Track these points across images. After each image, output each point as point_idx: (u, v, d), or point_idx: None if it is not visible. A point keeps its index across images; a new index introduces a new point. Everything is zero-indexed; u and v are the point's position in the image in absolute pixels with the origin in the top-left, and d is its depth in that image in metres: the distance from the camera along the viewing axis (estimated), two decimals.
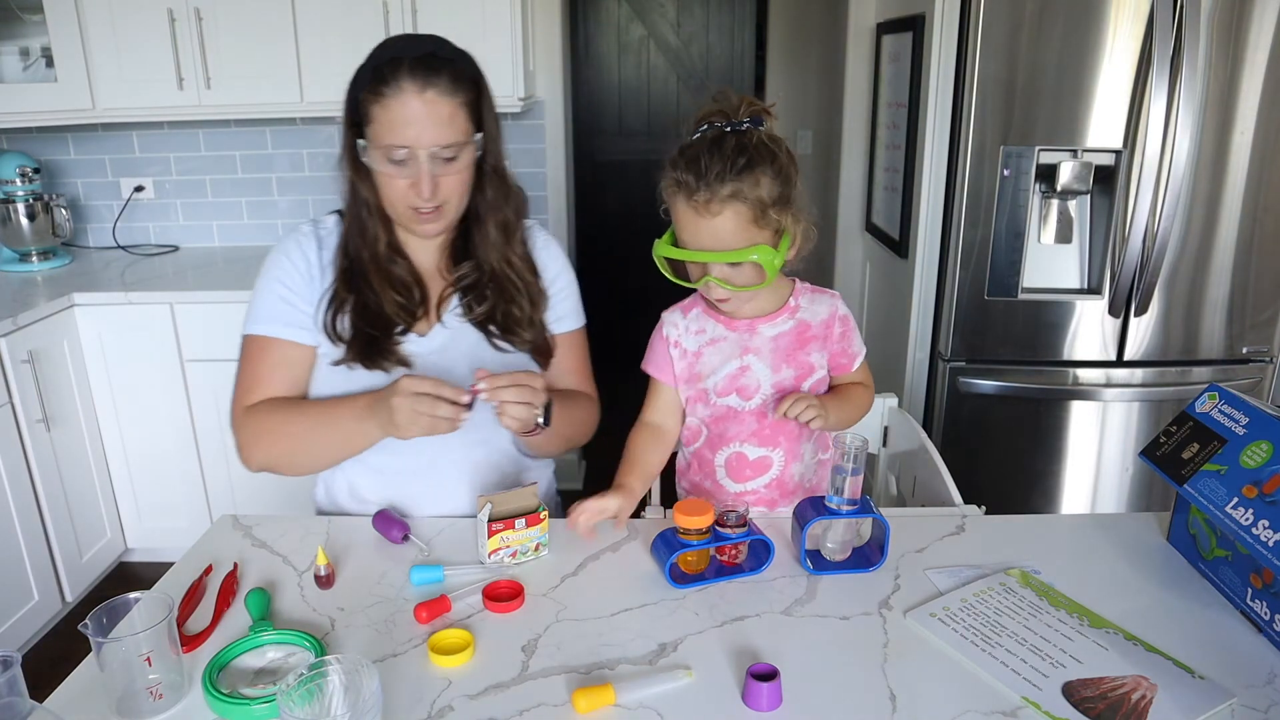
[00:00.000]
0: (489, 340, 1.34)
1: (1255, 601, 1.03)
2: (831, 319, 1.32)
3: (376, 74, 1.21)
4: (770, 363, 1.31)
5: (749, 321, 1.30)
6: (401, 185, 1.23)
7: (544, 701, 0.91)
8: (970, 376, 2.33)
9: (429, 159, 1.21)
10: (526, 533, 1.16)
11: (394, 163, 1.21)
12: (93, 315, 2.55)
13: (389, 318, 1.30)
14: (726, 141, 1.17)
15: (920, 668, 0.96)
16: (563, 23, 3.06)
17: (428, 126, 1.20)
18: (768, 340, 1.31)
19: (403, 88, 1.19)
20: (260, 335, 1.30)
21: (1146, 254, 2.17)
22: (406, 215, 1.27)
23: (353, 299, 1.30)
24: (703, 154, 1.16)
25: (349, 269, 1.31)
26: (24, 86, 2.71)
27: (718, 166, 1.15)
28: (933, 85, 2.27)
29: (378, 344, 1.29)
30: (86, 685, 0.94)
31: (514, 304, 1.34)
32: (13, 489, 2.30)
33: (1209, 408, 1.14)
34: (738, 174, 1.15)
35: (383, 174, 1.24)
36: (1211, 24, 2.04)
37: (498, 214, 1.33)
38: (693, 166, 1.16)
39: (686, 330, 1.34)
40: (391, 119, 1.20)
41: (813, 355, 1.32)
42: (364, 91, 1.22)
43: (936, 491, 1.44)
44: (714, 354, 1.32)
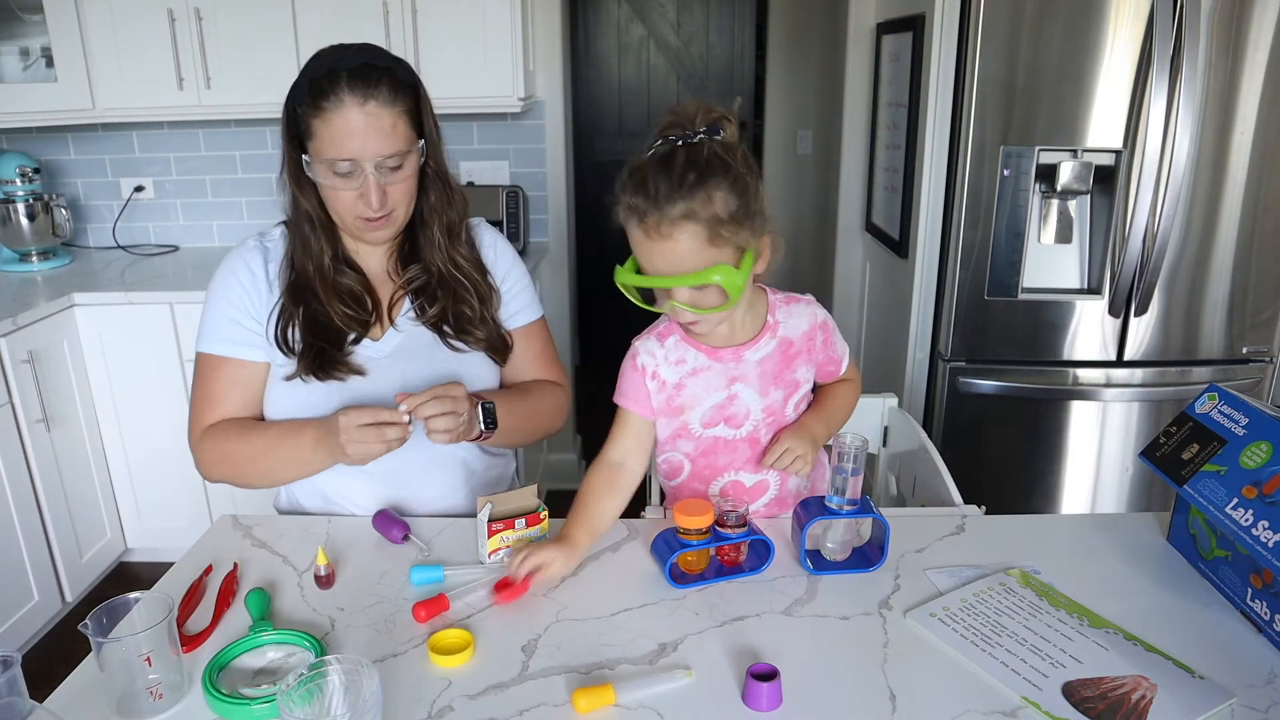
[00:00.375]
0: (443, 341, 1.34)
1: (1255, 601, 1.03)
2: (812, 330, 1.27)
3: (315, 88, 1.19)
4: (758, 388, 1.24)
5: (734, 350, 1.23)
6: (348, 197, 1.23)
7: (544, 701, 0.91)
8: (970, 376, 2.33)
9: (375, 169, 1.21)
10: (526, 532, 1.17)
11: (339, 175, 1.22)
12: (93, 315, 2.54)
13: (339, 329, 1.30)
14: (676, 157, 1.08)
15: (920, 668, 0.96)
16: (563, 23, 3.06)
17: (371, 138, 1.20)
18: (754, 366, 1.23)
19: (343, 101, 1.18)
20: (211, 354, 1.32)
21: (1146, 254, 2.17)
22: (355, 225, 1.27)
23: (301, 312, 1.30)
24: (650, 174, 1.08)
25: (295, 283, 1.31)
26: (24, 86, 2.71)
27: (665, 186, 1.07)
28: (933, 85, 2.27)
29: (329, 355, 1.29)
30: (86, 685, 0.94)
31: (464, 304, 1.35)
32: (13, 489, 2.30)
33: (1209, 408, 1.14)
34: (688, 192, 1.06)
35: (328, 186, 1.24)
36: (1211, 24, 2.04)
37: (442, 216, 1.33)
38: (641, 189, 1.08)
39: (665, 360, 1.23)
40: (334, 133, 1.19)
41: (799, 371, 1.26)
42: (303, 106, 1.21)
43: (936, 491, 1.44)
44: (697, 385, 1.23)
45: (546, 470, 3.28)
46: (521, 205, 2.93)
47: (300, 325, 1.30)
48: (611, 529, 1.24)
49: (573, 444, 3.34)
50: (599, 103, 4.28)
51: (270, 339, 1.30)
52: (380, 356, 1.33)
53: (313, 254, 1.31)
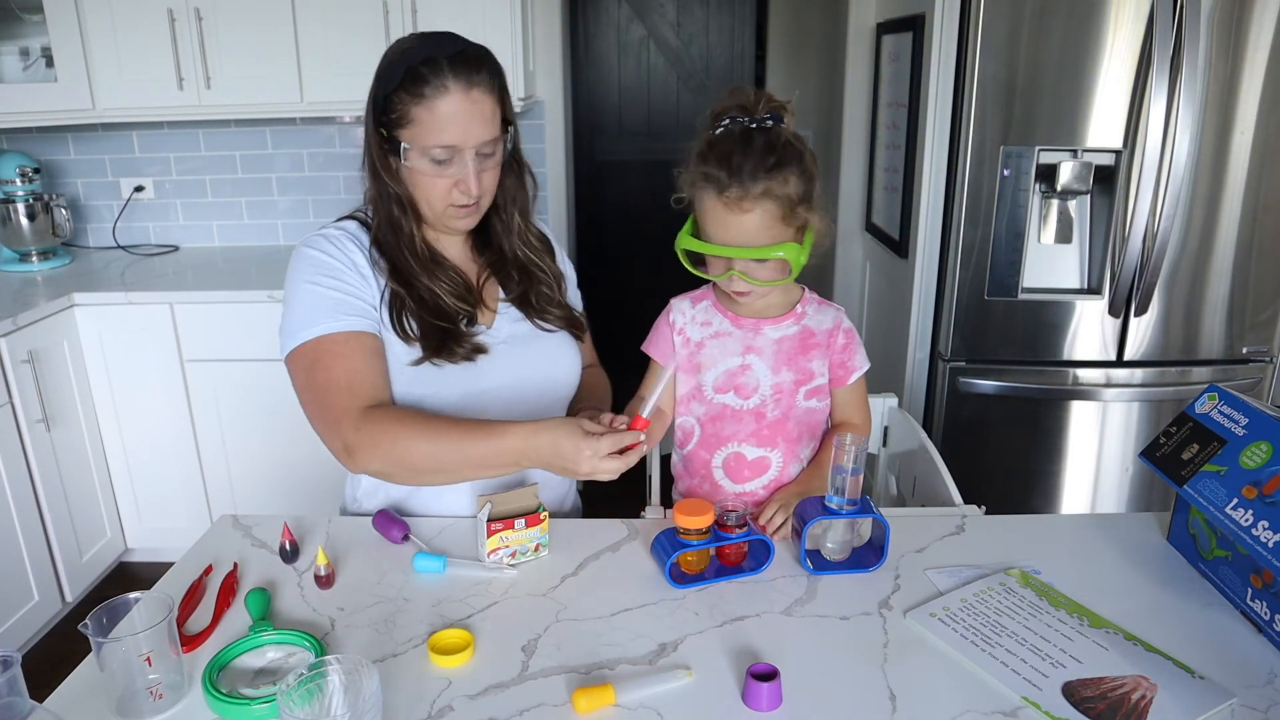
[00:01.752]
0: (531, 321, 1.35)
1: (1255, 601, 1.03)
2: (835, 329, 1.33)
3: (413, 74, 1.18)
4: (771, 364, 1.31)
5: (754, 321, 1.31)
6: (444, 184, 1.22)
7: (544, 701, 0.91)
8: (970, 376, 2.33)
9: (473, 157, 1.21)
10: (526, 533, 1.16)
11: (437, 162, 1.20)
12: (93, 315, 2.55)
13: (450, 310, 1.28)
14: (755, 139, 1.18)
15: (920, 668, 0.96)
16: (563, 23, 3.06)
17: (474, 125, 1.20)
18: (771, 341, 1.31)
19: (448, 88, 1.17)
20: (331, 334, 1.20)
21: (1146, 254, 2.17)
22: (445, 213, 1.26)
23: (408, 297, 1.26)
24: (734, 150, 1.17)
25: (395, 272, 1.27)
26: (24, 86, 2.71)
27: (750, 164, 1.16)
28: (933, 85, 2.27)
29: (451, 336, 1.27)
30: (86, 685, 0.94)
31: (542, 284, 1.37)
32: (13, 489, 2.30)
33: (1209, 408, 1.14)
34: (769, 172, 1.16)
35: (423, 174, 1.22)
36: (1211, 24, 2.04)
37: (518, 201, 1.34)
38: (724, 162, 1.16)
39: (692, 320, 1.34)
40: (437, 119, 1.18)
41: (814, 362, 1.33)
42: (399, 92, 1.19)
43: (936, 491, 1.44)
44: (716, 347, 1.32)
45: None
46: None
47: (412, 311, 1.25)
48: (611, 528, 1.25)
49: None
50: (599, 103, 4.28)
51: (387, 325, 1.25)
52: (496, 342, 1.31)
53: (404, 237, 1.27)
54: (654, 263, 1.48)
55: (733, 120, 1.21)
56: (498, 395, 1.30)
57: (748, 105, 1.21)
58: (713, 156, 1.18)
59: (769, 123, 1.20)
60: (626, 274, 4.36)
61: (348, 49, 2.61)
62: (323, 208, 3.12)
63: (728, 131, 1.20)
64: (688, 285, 1.38)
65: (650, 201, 4.22)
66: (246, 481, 2.70)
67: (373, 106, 1.24)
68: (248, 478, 2.70)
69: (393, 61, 1.21)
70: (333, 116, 3.00)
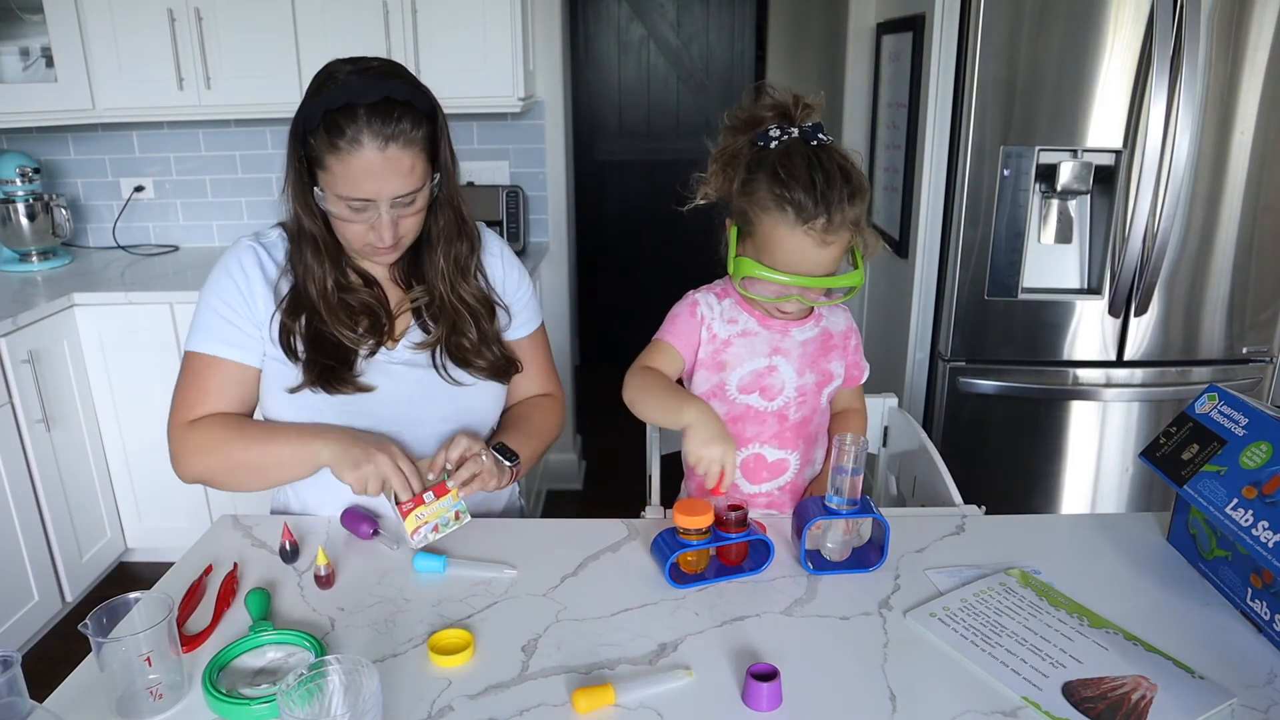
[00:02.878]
0: (438, 373, 1.31)
1: (1255, 601, 1.03)
2: (848, 330, 1.34)
3: (330, 123, 1.14)
4: (797, 366, 1.31)
5: (783, 324, 1.31)
6: (359, 228, 1.21)
7: (544, 701, 0.91)
8: (970, 376, 2.33)
9: (389, 207, 1.19)
10: (439, 504, 1.17)
11: (353, 210, 1.19)
12: (93, 315, 2.55)
13: (347, 349, 1.27)
14: (824, 161, 1.15)
15: (920, 668, 0.96)
16: (563, 23, 3.06)
17: (389, 179, 1.16)
18: (797, 343, 1.31)
19: (362, 143, 1.14)
20: (203, 353, 1.27)
21: (1146, 254, 2.17)
22: (364, 250, 1.26)
23: (303, 325, 1.26)
24: (816, 176, 1.14)
25: (295, 297, 1.27)
26: (24, 86, 2.71)
27: (835, 193, 1.13)
28: (933, 85, 2.27)
29: (336, 373, 1.26)
30: (86, 685, 0.94)
31: (463, 336, 1.32)
32: (13, 489, 2.30)
33: (1209, 408, 1.14)
34: (850, 201, 1.15)
35: (339, 217, 1.21)
36: (1211, 24, 2.04)
37: (449, 246, 1.30)
38: (809, 191, 1.13)
39: (720, 316, 1.32)
40: (350, 173, 1.15)
41: (833, 364, 1.33)
42: (316, 136, 1.16)
43: (936, 491, 1.44)
44: (743, 346, 1.31)
45: (546, 471, 3.28)
46: (521, 205, 2.93)
47: (304, 338, 1.26)
48: (611, 528, 1.25)
49: (573, 444, 3.35)
50: (599, 103, 4.28)
51: (273, 342, 1.27)
52: (396, 363, 1.30)
53: (315, 278, 1.26)
54: (654, 263, 1.48)
55: (783, 132, 1.18)
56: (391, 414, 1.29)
57: (789, 111, 1.19)
58: (792, 182, 1.14)
59: (822, 137, 1.18)
60: (626, 274, 4.37)
61: (348, 49, 2.58)
62: None
63: (793, 151, 1.16)
64: (688, 285, 1.37)
65: (650, 201, 4.22)
66: None
67: (293, 140, 1.21)
68: None
69: (316, 94, 1.18)
70: None
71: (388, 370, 1.30)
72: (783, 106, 1.21)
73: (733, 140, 1.25)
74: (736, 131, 1.25)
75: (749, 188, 1.19)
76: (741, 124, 1.24)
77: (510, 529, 1.29)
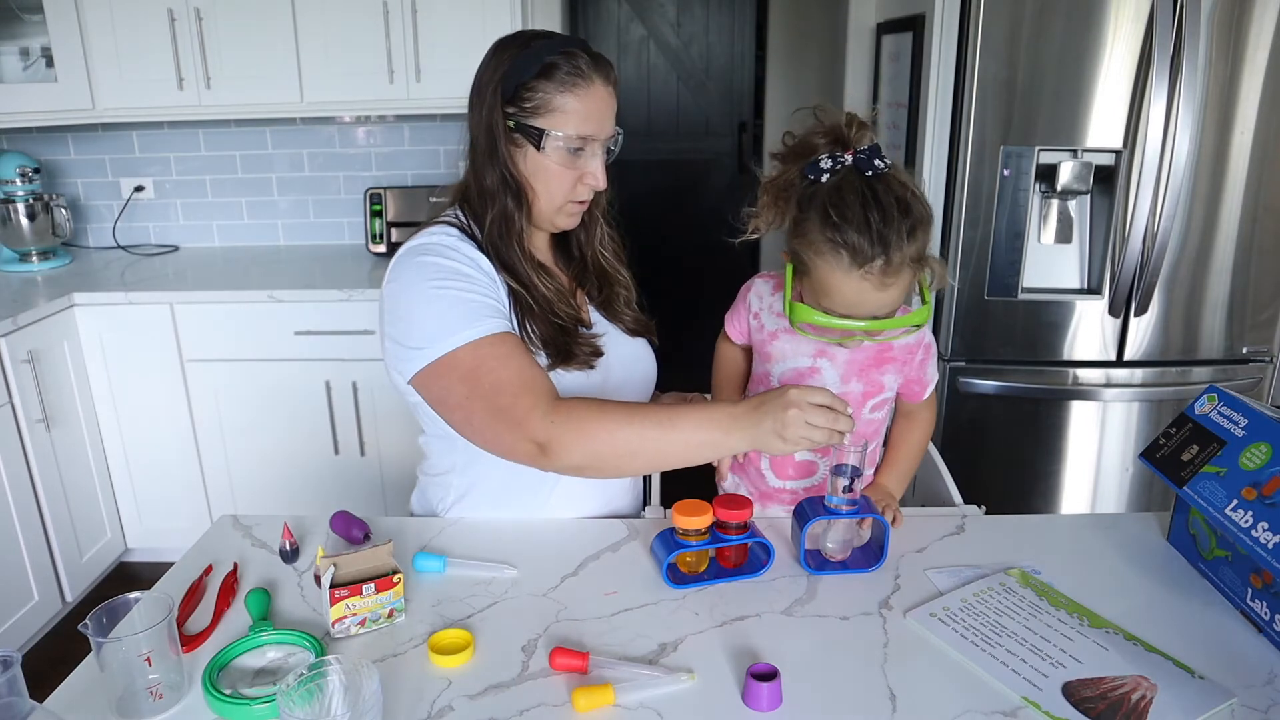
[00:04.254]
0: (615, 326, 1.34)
1: (1255, 601, 1.03)
2: (917, 345, 1.27)
3: (560, 66, 1.16)
4: (841, 373, 1.26)
5: None
6: (571, 177, 1.21)
7: (544, 701, 0.91)
8: (970, 376, 2.33)
9: (602, 150, 1.22)
10: (377, 599, 1.02)
11: (571, 152, 1.19)
12: (93, 315, 2.55)
13: (563, 314, 1.25)
14: (882, 195, 1.07)
15: (920, 668, 0.96)
16: (563, 23, 3.06)
17: (608, 118, 1.21)
18: (844, 351, 1.24)
19: (594, 80, 1.18)
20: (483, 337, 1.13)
21: (1146, 254, 2.17)
22: (562, 209, 1.24)
23: (531, 298, 1.22)
24: (872, 214, 1.06)
25: (509, 269, 1.22)
26: (24, 86, 2.71)
27: (893, 233, 1.06)
28: (933, 85, 2.27)
29: (574, 339, 1.24)
30: (86, 685, 0.94)
31: (618, 285, 1.36)
32: (13, 489, 2.30)
33: (1208, 409, 1.14)
34: (909, 238, 1.07)
35: (555, 165, 1.19)
36: (1211, 24, 2.04)
37: (600, 204, 1.34)
38: (863, 231, 1.06)
39: (770, 308, 1.30)
40: (586, 109, 1.18)
41: (886, 376, 1.27)
42: (540, 81, 1.16)
43: (936, 491, 1.44)
44: (789, 343, 1.27)
45: None
46: None
47: (534, 312, 1.22)
48: (611, 528, 1.25)
49: None
50: None
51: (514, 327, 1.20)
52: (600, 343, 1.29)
53: (515, 234, 1.22)
54: (654, 262, 1.48)
55: (835, 162, 1.10)
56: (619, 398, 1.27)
57: (842, 136, 1.12)
58: (845, 224, 1.06)
59: (884, 168, 1.10)
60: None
61: (348, 49, 2.61)
62: (323, 208, 3.12)
63: (846, 185, 1.09)
64: (688, 288, 1.37)
65: (651, 201, 4.22)
66: (246, 481, 2.70)
67: (499, 97, 1.19)
68: (248, 478, 2.70)
69: (521, 53, 1.18)
70: (333, 116, 3.00)
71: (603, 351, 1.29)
72: (835, 130, 1.14)
73: (784, 170, 1.19)
74: (787, 160, 1.19)
75: (801, 228, 1.12)
76: (792, 153, 1.18)
77: (510, 529, 1.29)
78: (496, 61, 1.20)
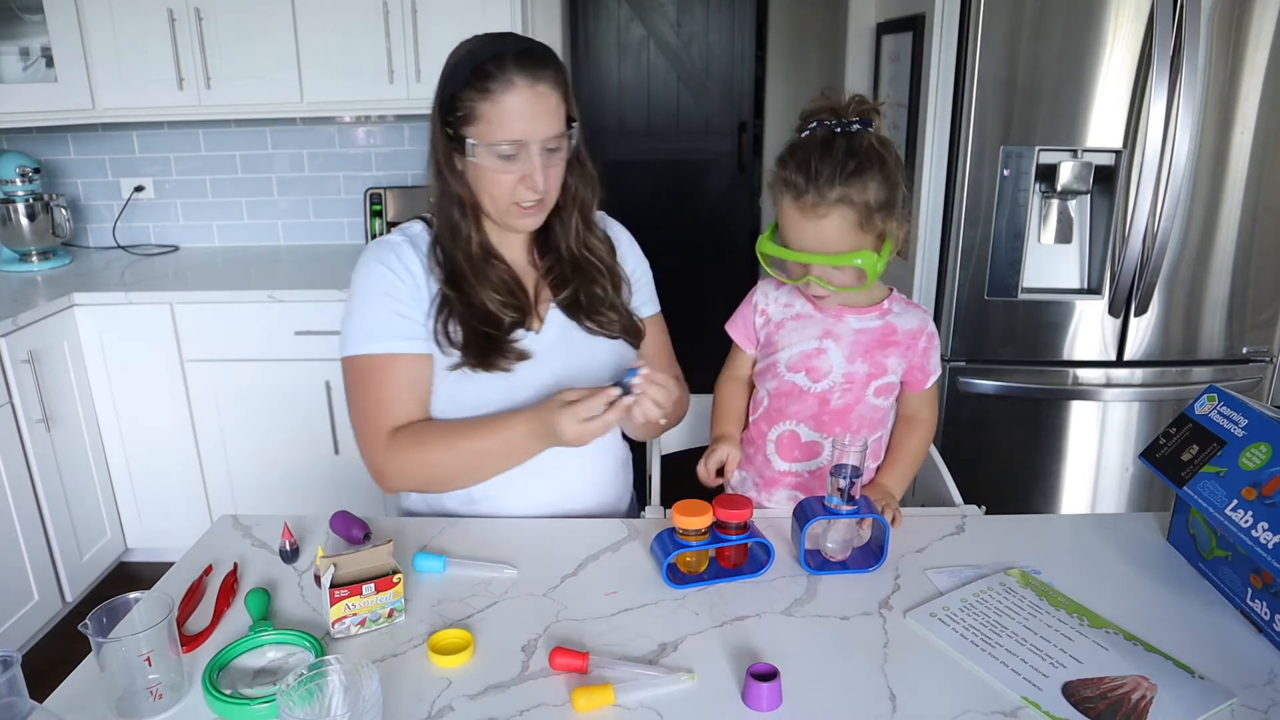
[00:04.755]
0: (579, 324, 1.34)
1: (1255, 601, 1.03)
2: (920, 331, 1.33)
3: (480, 72, 1.19)
4: (847, 353, 1.32)
5: (838, 309, 1.32)
6: (509, 181, 1.22)
7: (544, 701, 0.91)
8: (970, 376, 2.33)
9: (540, 152, 1.21)
10: (377, 599, 1.03)
11: (503, 158, 1.21)
12: (93, 315, 2.54)
13: (497, 316, 1.28)
14: (837, 144, 1.18)
15: (920, 668, 0.96)
16: (563, 23, 3.06)
17: (540, 120, 1.21)
18: (851, 330, 1.32)
19: (514, 83, 1.18)
20: (376, 354, 1.27)
21: (1146, 254, 2.17)
22: (510, 211, 1.26)
23: (458, 301, 1.27)
24: (813, 156, 1.18)
25: (451, 271, 1.28)
26: (24, 86, 2.71)
27: (827, 170, 1.17)
28: (933, 85, 2.27)
29: (494, 343, 1.27)
30: (86, 685, 0.94)
31: (595, 284, 1.35)
32: (13, 489, 2.30)
33: (1208, 409, 1.14)
34: (846, 178, 1.17)
35: (489, 171, 1.22)
36: (1211, 24, 2.04)
37: (579, 201, 1.34)
38: (802, 168, 1.18)
39: (775, 301, 1.37)
40: (503, 114, 1.19)
41: (890, 359, 1.32)
42: (466, 90, 1.20)
43: (936, 491, 1.44)
44: (795, 328, 1.34)
45: None
46: None
47: (459, 315, 1.27)
48: (611, 528, 1.25)
49: None
50: (599, 103, 4.28)
51: (430, 334, 1.27)
52: (543, 349, 1.31)
53: (461, 240, 1.28)
54: (654, 262, 1.48)
55: (819, 124, 1.22)
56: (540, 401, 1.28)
57: (838, 108, 1.22)
58: (792, 161, 1.19)
59: (855, 127, 1.20)
60: None
61: (348, 49, 2.61)
62: (323, 208, 3.12)
63: (811, 135, 1.21)
64: (688, 285, 1.38)
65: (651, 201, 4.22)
66: (246, 481, 2.70)
67: (439, 107, 1.24)
68: (248, 478, 2.70)
69: (458, 61, 1.23)
70: (333, 116, 3.00)
71: (536, 356, 1.30)
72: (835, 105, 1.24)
73: None
74: None
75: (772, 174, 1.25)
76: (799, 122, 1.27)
77: (510, 529, 1.29)
78: (443, 71, 1.25)
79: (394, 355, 1.27)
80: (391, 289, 1.27)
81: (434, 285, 1.29)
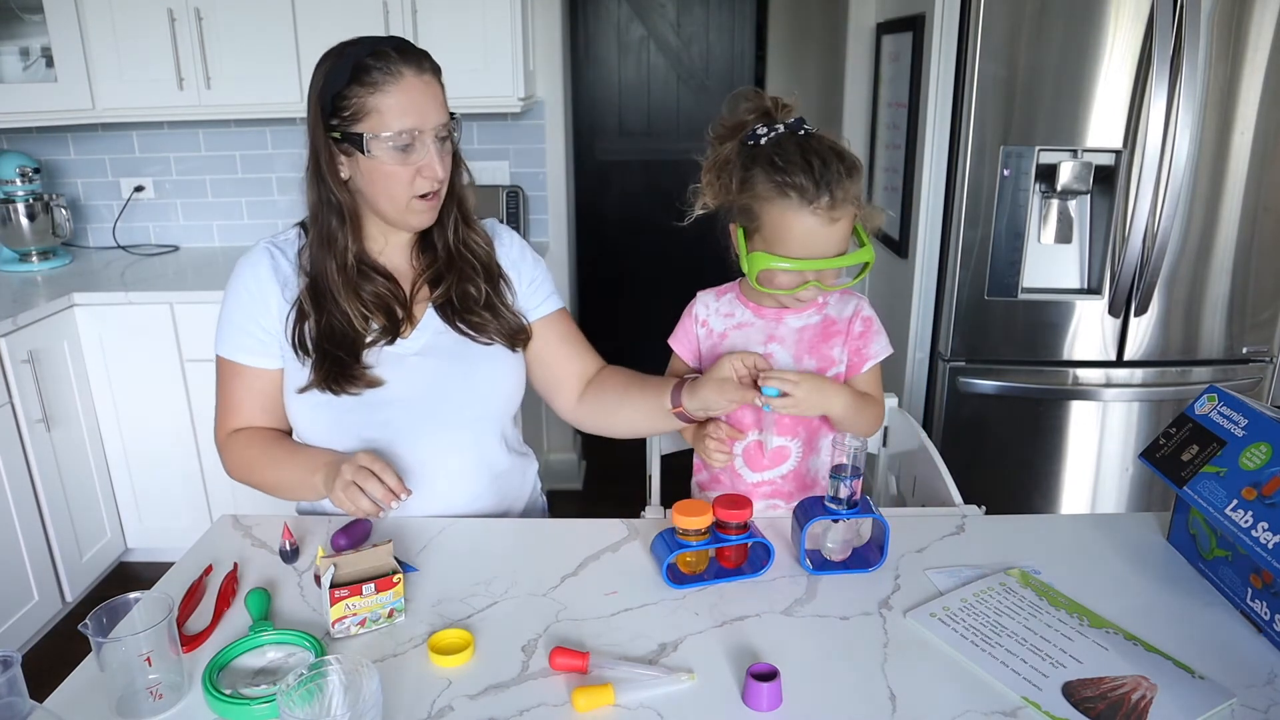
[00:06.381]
0: (451, 326, 1.32)
1: (1255, 601, 1.03)
2: (854, 316, 1.33)
3: (363, 68, 1.18)
4: (794, 352, 1.32)
5: (776, 311, 1.33)
6: (407, 173, 1.21)
7: (544, 701, 0.91)
8: (970, 376, 2.33)
9: (433, 140, 1.22)
10: (377, 599, 1.02)
11: (399, 149, 1.20)
12: (93, 315, 2.54)
13: (356, 336, 1.27)
14: (815, 145, 1.19)
15: (920, 668, 0.96)
16: (563, 23, 3.06)
17: (429, 108, 1.21)
18: (793, 330, 1.32)
19: (402, 73, 1.19)
20: (227, 359, 1.33)
21: (1146, 254, 2.17)
22: (409, 208, 1.25)
23: (314, 317, 1.26)
24: (812, 160, 1.17)
25: (314, 284, 1.27)
26: (24, 86, 2.71)
27: (832, 172, 1.16)
28: (933, 85, 2.27)
29: (345, 368, 1.25)
30: (86, 685, 0.94)
31: (469, 283, 1.33)
32: (13, 489, 2.30)
33: (1208, 409, 1.14)
34: (848, 178, 1.17)
35: (386, 166, 1.21)
36: (1211, 24, 2.04)
37: (459, 196, 1.33)
38: (807, 172, 1.16)
39: (716, 312, 1.37)
40: (395, 105, 1.19)
41: (834, 349, 1.33)
42: (351, 87, 1.19)
43: (936, 491, 1.44)
44: (739, 337, 1.34)
45: (546, 470, 3.28)
46: (521, 205, 2.93)
47: (315, 333, 1.26)
48: (611, 528, 1.25)
49: (573, 444, 3.34)
50: (599, 103, 4.27)
51: (286, 341, 1.27)
52: (409, 354, 1.30)
53: (337, 250, 1.26)
54: (655, 262, 1.48)
55: (770, 129, 1.21)
56: (404, 410, 1.29)
57: (770, 111, 1.23)
58: (789, 167, 1.17)
59: (806, 126, 1.22)
60: (627, 274, 4.37)
61: None
62: None
63: (784, 141, 1.20)
64: (687, 285, 1.38)
65: (651, 201, 4.21)
66: None
67: (319, 111, 1.23)
68: None
69: (333, 65, 1.22)
70: None
71: (401, 362, 1.29)
72: (763, 109, 1.25)
73: (720, 149, 1.28)
74: (723, 139, 1.28)
75: (748, 184, 1.21)
76: (727, 131, 1.28)
77: (510, 529, 1.29)
78: (315, 77, 1.24)
79: (239, 365, 1.32)
80: (242, 303, 1.30)
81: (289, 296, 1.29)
